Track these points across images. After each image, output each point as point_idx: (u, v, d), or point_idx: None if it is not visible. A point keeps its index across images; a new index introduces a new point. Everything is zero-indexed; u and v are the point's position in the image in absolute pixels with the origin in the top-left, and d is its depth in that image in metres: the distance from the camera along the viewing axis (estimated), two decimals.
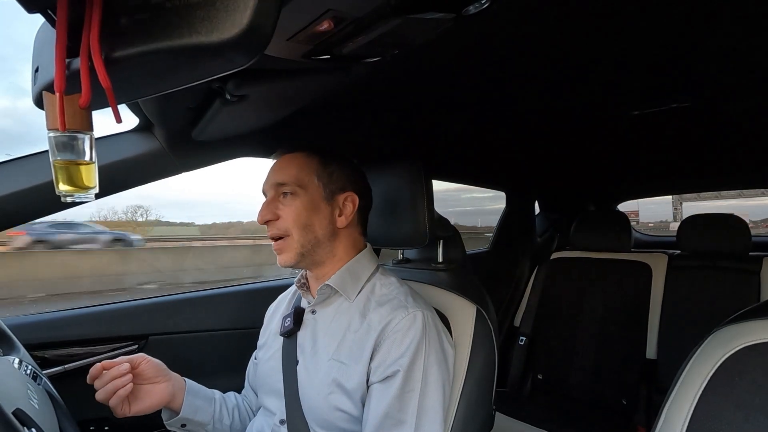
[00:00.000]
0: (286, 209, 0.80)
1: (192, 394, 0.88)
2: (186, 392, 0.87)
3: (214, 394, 0.94)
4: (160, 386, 0.83)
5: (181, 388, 0.87)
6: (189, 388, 0.88)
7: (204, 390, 0.92)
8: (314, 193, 0.82)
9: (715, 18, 0.61)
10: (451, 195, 9.44)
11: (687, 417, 0.56)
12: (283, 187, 0.81)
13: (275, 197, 0.82)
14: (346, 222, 0.84)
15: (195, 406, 0.87)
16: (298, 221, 0.80)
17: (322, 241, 0.82)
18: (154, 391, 0.82)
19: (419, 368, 0.73)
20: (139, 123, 0.92)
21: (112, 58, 0.38)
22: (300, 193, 0.81)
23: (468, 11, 0.51)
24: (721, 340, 0.59)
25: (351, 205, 0.85)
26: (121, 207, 13.68)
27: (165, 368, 0.85)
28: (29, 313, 1.04)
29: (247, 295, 1.37)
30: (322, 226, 0.82)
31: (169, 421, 0.87)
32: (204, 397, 0.91)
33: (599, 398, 1.87)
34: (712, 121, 1.19)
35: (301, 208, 0.80)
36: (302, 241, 0.80)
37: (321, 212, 0.82)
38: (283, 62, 0.60)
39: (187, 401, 0.86)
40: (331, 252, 0.84)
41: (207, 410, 0.89)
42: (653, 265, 1.93)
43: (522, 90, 0.91)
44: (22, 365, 0.65)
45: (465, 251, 1.26)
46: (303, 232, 0.80)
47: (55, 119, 0.39)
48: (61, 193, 0.42)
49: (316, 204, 0.81)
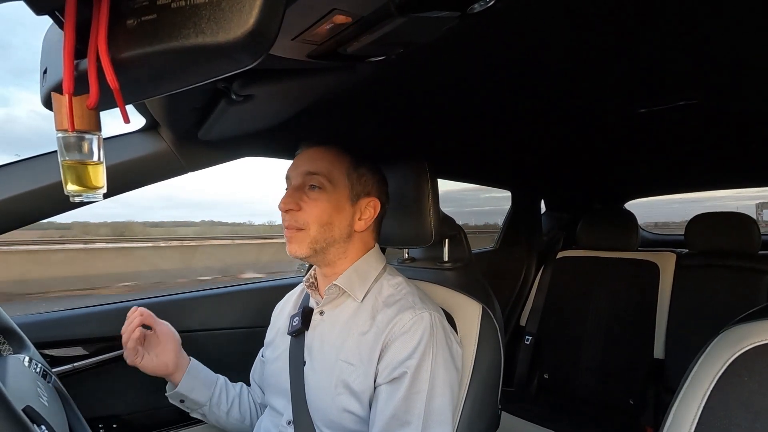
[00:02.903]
0: (310, 203, 0.80)
1: (192, 375, 0.93)
2: (186, 371, 0.92)
3: (218, 379, 0.98)
4: (168, 352, 0.90)
5: (185, 365, 0.93)
6: (190, 368, 0.93)
7: (207, 373, 0.97)
8: (341, 192, 0.82)
9: (723, 13, 0.61)
10: (471, 194, 9.48)
11: (695, 417, 0.55)
12: (313, 177, 0.80)
13: (301, 187, 0.81)
14: (364, 227, 0.85)
15: (191, 385, 0.92)
16: (321, 218, 0.79)
17: (337, 241, 0.82)
18: (162, 353, 0.89)
19: (426, 370, 0.73)
20: (145, 123, 0.93)
21: (120, 59, 0.38)
22: (328, 189, 0.80)
23: (473, 9, 0.51)
24: (730, 340, 0.58)
25: (372, 210, 0.85)
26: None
27: (176, 337, 0.93)
28: (39, 311, 1.05)
29: (253, 293, 1.38)
30: (341, 227, 0.82)
31: (169, 393, 0.93)
32: (204, 379, 0.95)
33: (606, 398, 1.86)
34: (720, 119, 1.17)
35: (326, 205, 0.80)
36: (318, 237, 0.80)
37: (343, 213, 0.82)
38: (288, 62, 0.60)
39: (185, 379, 0.91)
40: (343, 252, 0.84)
41: (204, 392, 0.94)
42: (661, 264, 1.92)
43: (527, 88, 0.91)
44: (32, 363, 0.66)
45: (471, 250, 1.26)
46: (321, 230, 0.80)
47: (63, 120, 0.39)
48: (69, 193, 0.42)
49: (341, 203, 0.81)
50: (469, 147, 1.48)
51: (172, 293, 1.26)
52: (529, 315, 2.21)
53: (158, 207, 21.49)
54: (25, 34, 13.32)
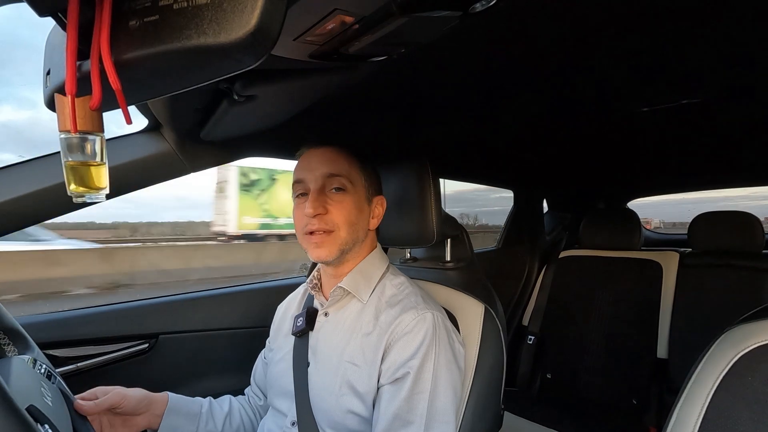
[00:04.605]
0: (337, 205, 0.79)
1: (174, 413, 0.87)
2: (166, 412, 0.86)
3: (201, 407, 0.92)
4: (138, 418, 0.83)
5: (160, 414, 0.86)
6: (170, 407, 0.87)
7: (189, 405, 0.91)
8: (360, 192, 0.82)
9: (725, 11, 0.60)
10: (481, 195, 9.57)
11: (699, 417, 0.55)
12: (334, 179, 0.79)
13: (322, 190, 0.79)
14: (376, 225, 0.86)
15: (175, 424, 0.87)
16: (349, 218, 0.79)
17: (359, 241, 0.83)
18: (134, 422, 0.83)
19: (429, 370, 0.73)
20: (148, 124, 0.93)
21: (122, 60, 0.38)
22: (350, 190, 0.80)
23: (474, 9, 0.51)
24: (733, 340, 0.58)
25: (381, 208, 0.86)
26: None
27: (145, 397, 0.84)
28: (42, 312, 1.06)
29: (256, 293, 1.38)
30: (363, 227, 0.83)
31: None
32: (187, 413, 0.89)
33: (609, 398, 1.86)
34: (723, 117, 1.17)
35: (351, 205, 0.80)
36: (347, 238, 0.80)
37: (363, 212, 0.82)
38: (290, 62, 0.60)
39: (165, 422, 0.86)
40: (358, 252, 0.85)
41: (188, 428, 0.88)
42: (664, 264, 1.91)
43: (529, 87, 0.90)
44: (37, 364, 0.66)
45: (473, 250, 1.26)
46: (350, 230, 0.80)
47: (66, 121, 0.39)
48: (72, 194, 0.42)
49: (361, 203, 0.82)
50: (471, 146, 1.48)
51: (173, 293, 1.26)
52: (531, 315, 2.21)
53: (176, 207, 21.66)
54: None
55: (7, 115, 20.85)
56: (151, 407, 0.85)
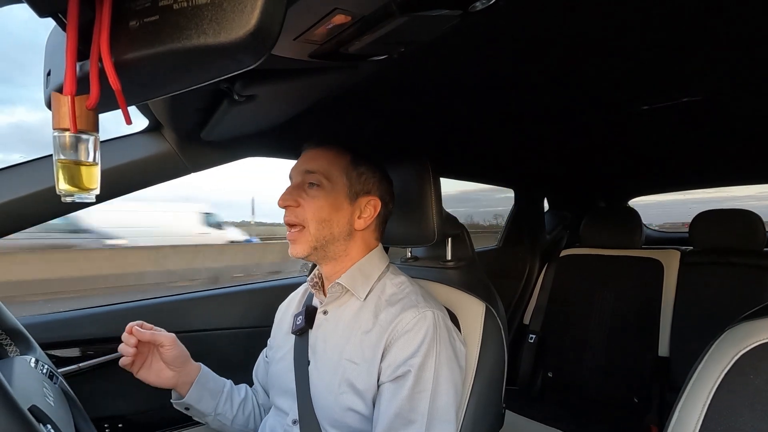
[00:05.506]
0: (308, 200, 0.81)
1: (200, 385, 0.91)
2: (196, 381, 0.91)
3: (224, 386, 0.97)
4: (168, 373, 0.87)
5: (189, 381, 0.90)
6: (200, 377, 0.91)
7: (216, 382, 0.96)
8: (339, 190, 0.82)
9: (727, 7, 0.60)
10: (486, 195, 9.59)
11: (701, 415, 0.55)
12: (311, 175, 0.82)
13: (301, 185, 0.83)
14: (364, 225, 0.85)
15: (199, 395, 0.91)
16: (318, 215, 0.80)
17: (337, 239, 0.83)
18: (162, 373, 0.87)
19: (430, 368, 0.73)
20: (148, 124, 0.93)
21: (122, 60, 0.38)
22: (326, 187, 0.81)
23: (475, 7, 0.51)
24: (735, 338, 0.58)
25: (372, 209, 0.85)
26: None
27: (185, 359, 0.89)
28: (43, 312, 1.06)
29: (257, 293, 1.38)
30: (340, 225, 0.82)
31: (175, 401, 0.92)
32: (212, 388, 0.94)
33: (610, 396, 1.86)
34: (724, 116, 1.16)
35: (323, 202, 0.81)
36: (317, 235, 0.81)
37: (342, 210, 0.82)
38: (290, 62, 0.60)
39: (193, 390, 0.90)
40: (344, 251, 0.85)
41: (210, 403, 0.93)
42: (665, 262, 1.91)
43: (530, 86, 0.90)
44: (39, 364, 0.66)
45: (474, 249, 1.26)
46: (320, 227, 0.81)
47: (60, 119, 0.39)
48: (61, 192, 0.41)
49: (338, 201, 0.82)
50: (472, 145, 1.48)
51: (174, 294, 1.26)
52: (532, 314, 2.21)
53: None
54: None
55: (21, 116, 20.98)
56: (184, 368, 0.90)
